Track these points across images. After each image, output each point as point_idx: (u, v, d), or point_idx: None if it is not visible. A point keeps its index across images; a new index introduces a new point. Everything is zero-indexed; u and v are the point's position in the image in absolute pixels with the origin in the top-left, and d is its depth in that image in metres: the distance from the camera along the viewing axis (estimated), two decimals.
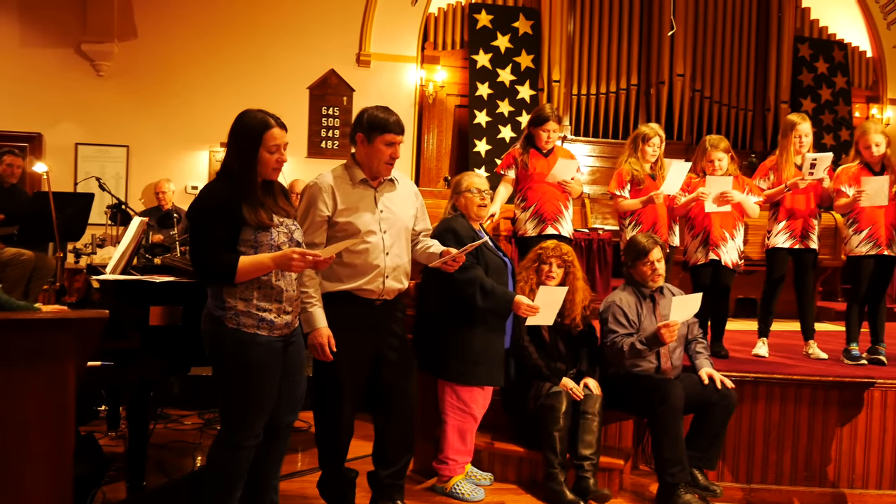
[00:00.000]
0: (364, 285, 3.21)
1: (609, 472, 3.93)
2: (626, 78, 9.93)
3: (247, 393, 2.81)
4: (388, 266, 3.24)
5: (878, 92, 10.87)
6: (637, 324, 4.01)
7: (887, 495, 4.20)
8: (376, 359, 3.31)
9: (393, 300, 3.33)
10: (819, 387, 4.21)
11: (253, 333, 2.79)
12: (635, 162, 4.81)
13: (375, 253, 3.22)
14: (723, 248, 4.68)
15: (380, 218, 3.25)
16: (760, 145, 10.14)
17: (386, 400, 3.37)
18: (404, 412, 3.37)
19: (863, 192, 4.49)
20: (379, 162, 3.22)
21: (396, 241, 3.29)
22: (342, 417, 3.29)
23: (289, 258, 2.73)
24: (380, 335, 3.30)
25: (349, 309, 3.21)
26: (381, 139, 3.19)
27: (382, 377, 3.34)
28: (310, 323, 3.11)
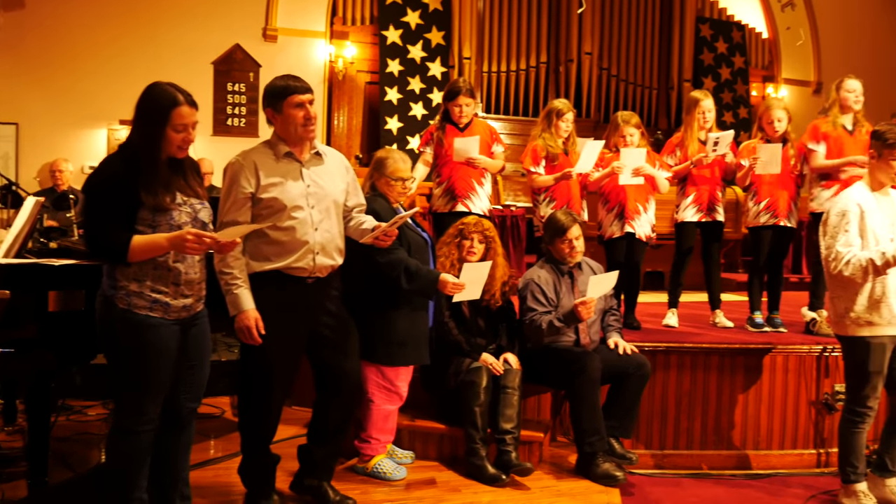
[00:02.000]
0: (293, 263, 3.10)
1: (529, 445, 3.97)
2: (536, 56, 10.01)
3: (137, 376, 2.68)
4: (318, 242, 3.14)
5: (773, 72, 11.36)
6: (555, 301, 4.05)
7: (789, 454, 4.42)
8: (312, 339, 3.21)
9: (326, 277, 3.22)
10: (726, 354, 4.38)
11: (145, 315, 2.66)
12: (549, 137, 4.83)
13: (304, 229, 3.11)
14: (637, 222, 4.79)
15: (307, 192, 3.14)
16: (665, 123, 10.43)
17: (327, 379, 3.28)
18: (346, 392, 3.29)
19: (757, 160, 4.67)
20: (296, 127, 3.10)
21: (326, 216, 3.18)
22: (272, 402, 3.18)
23: (183, 239, 2.59)
24: (313, 314, 3.19)
25: (279, 289, 3.10)
26: (288, 103, 3.07)
27: (320, 356, 3.26)
28: (235, 305, 2.99)
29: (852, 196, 3.63)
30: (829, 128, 4.71)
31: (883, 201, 3.65)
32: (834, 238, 3.57)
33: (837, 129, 4.69)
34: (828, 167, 4.67)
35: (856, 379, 3.69)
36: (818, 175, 4.77)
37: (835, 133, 4.69)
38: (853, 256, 3.49)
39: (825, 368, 4.44)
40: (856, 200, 3.60)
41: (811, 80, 11.43)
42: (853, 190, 3.69)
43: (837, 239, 3.55)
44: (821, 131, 4.73)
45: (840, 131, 4.68)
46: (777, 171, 4.70)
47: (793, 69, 11.37)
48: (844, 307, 3.64)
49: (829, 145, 4.68)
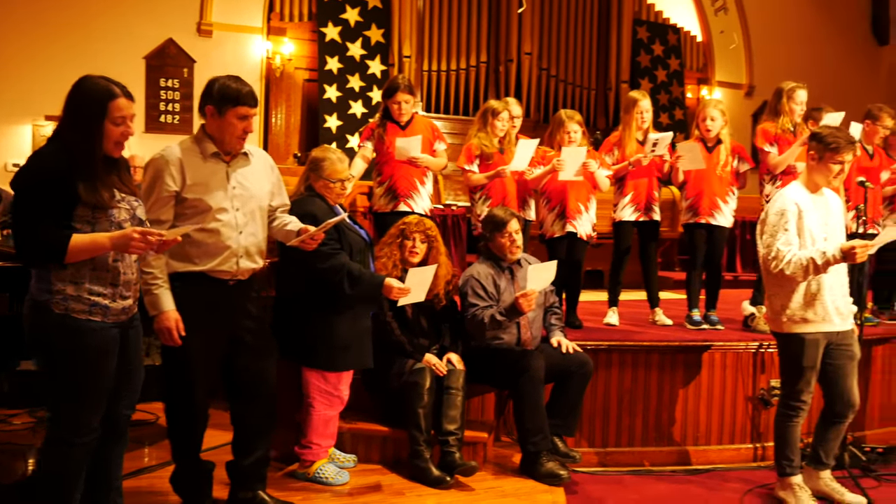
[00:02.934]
0: (217, 266, 3.01)
1: (473, 446, 3.95)
2: (476, 55, 10.02)
3: (78, 385, 2.55)
4: (242, 246, 3.05)
5: (708, 74, 11.62)
6: (496, 296, 4.04)
7: (727, 449, 4.50)
8: (231, 342, 3.12)
9: (248, 280, 3.14)
10: (665, 352, 4.43)
11: (84, 320, 2.54)
12: (484, 137, 4.82)
13: (228, 232, 3.02)
14: (578, 221, 4.82)
15: (232, 195, 3.04)
16: (603, 123, 10.55)
17: (244, 385, 3.18)
18: (265, 397, 3.21)
19: (679, 158, 4.75)
20: (231, 136, 3.00)
21: (251, 219, 3.10)
22: (195, 406, 3.08)
23: (128, 238, 2.47)
24: (234, 317, 3.11)
25: (199, 289, 3.00)
26: (234, 112, 2.97)
27: (239, 361, 3.15)
28: (155, 306, 2.88)
29: (790, 196, 3.70)
30: (778, 131, 4.87)
31: (818, 202, 3.73)
32: (773, 237, 3.64)
33: (786, 134, 4.84)
34: (781, 161, 4.79)
35: (791, 374, 3.77)
36: (771, 176, 4.89)
37: (785, 136, 4.84)
38: (794, 256, 3.55)
39: (761, 364, 4.54)
40: (793, 200, 3.67)
41: (743, 82, 11.73)
42: (790, 190, 3.76)
43: (777, 238, 3.62)
44: (771, 134, 4.87)
45: (788, 135, 4.83)
46: (701, 167, 4.80)
47: (726, 72, 11.66)
48: (781, 304, 3.71)
49: (780, 148, 4.83)
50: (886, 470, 4.40)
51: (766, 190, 4.93)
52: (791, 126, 4.84)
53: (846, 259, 3.45)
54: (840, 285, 3.72)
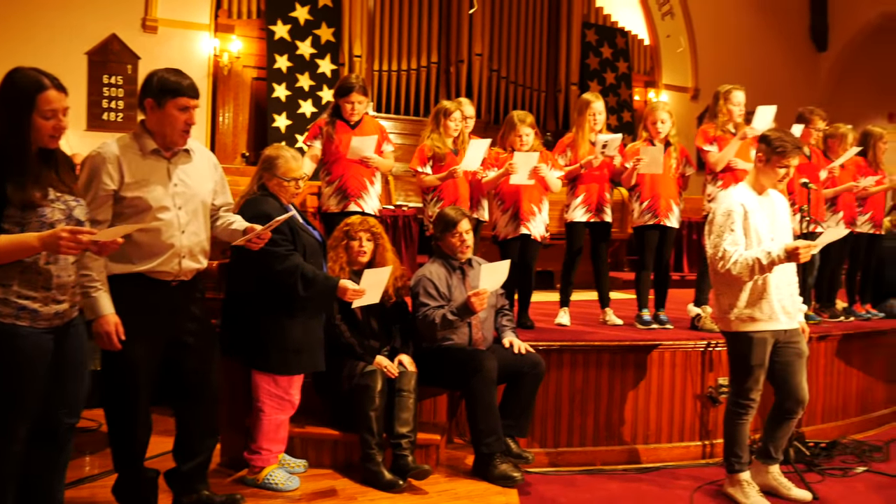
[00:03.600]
0: (158, 267, 2.92)
1: (426, 448, 3.91)
2: (427, 55, 9.99)
3: (2, 393, 2.43)
4: (184, 245, 2.97)
5: (655, 77, 11.80)
6: (448, 296, 4.01)
7: (677, 447, 4.54)
8: (174, 345, 3.03)
9: (191, 280, 3.05)
10: (616, 351, 4.46)
11: (11, 324, 2.42)
12: (437, 138, 4.81)
13: (169, 231, 2.93)
14: (531, 222, 4.82)
15: (174, 192, 2.96)
16: (553, 125, 10.63)
17: (188, 388, 3.10)
18: (208, 400, 3.13)
19: (640, 160, 4.80)
20: (173, 129, 2.91)
21: (193, 217, 3.02)
22: (138, 412, 2.98)
23: (57, 237, 2.34)
24: (177, 319, 3.02)
25: (140, 291, 2.91)
26: (174, 104, 2.89)
27: (182, 364, 3.07)
28: (94, 310, 2.77)
29: (736, 196, 3.76)
30: (718, 132, 4.96)
31: (764, 202, 3.79)
32: (720, 237, 3.68)
33: (726, 135, 4.92)
34: (720, 158, 4.88)
35: (739, 372, 3.83)
36: (712, 176, 4.96)
37: (724, 137, 4.93)
38: (740, 255, 3.61)
39: (709, 363, 4.60)
40: (739, 201, 3.73)
41: (689, 86, 11.95)
42: (736, 191, 3.82)
43: (724, 238, 3.66)
44: (711, 135, 4.96)
45: (727, 136, 4.91)
46: (659, 171, 4.86)
47: (672, 75, 11.86)
48: (728, 303, 3.77)
49: (720, 148, 4.91)
50: (829, 464, 4.50)
51: (708, 189, 5.02)
52: (731, 127, 4.93)
53: (790, 259, 3.52)
54: (786, 284, 3.79)
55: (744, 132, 4.72)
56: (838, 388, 5.22)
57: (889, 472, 4.44)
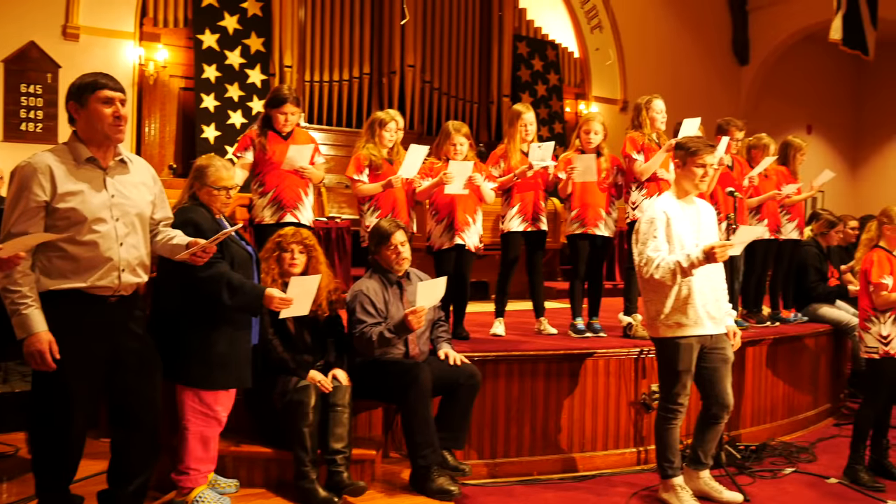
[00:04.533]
0: (96, 282, 2.79)
1: (362, 464, 3.83)
2: (359, 66, 9.93)
3: None
4: (123, 259, 2.85)
5: (585, 89, 11.99)
6: (385, 312, 3.95)
7: (612, 454, 4.58)
8: (113, 365, 2.89)
9: (130, 296, 2.93)
10: (551, 360, 4.47)
11: None
12: (373, 147, 4.77)
13: (107, 244, 2.81)
14: (466, 233, 4.80)
15: (111, 203, 2.84)
16: (486, 136, 10.69)
17: (127, 409, 2.97)
18: (147, 421, 3.00)
19: (574, 169, 4.85)
20: (102, 124, 2.80)
21: (132, 230, 2.90)
22: (71, 436, 2.83)
23: None
24: (115, 337, 2.89)
25: (77, 308, 2.78)
26: (95, 98, 2.79)
27: (121, 384, 2.94)
28: (24, 328, 2.64)
29: (659, 205, 3.85)
30: (645, 140, 5.06)
31: (688, 209, 3.88)
32: (645, 244, 3.76)
33: (651, 143, 5.00)
34: (647, 168, 4.96)
35: (667, 378, 3.89)
36: (637, 184, 5.04)
37: (650, 146, 5.02)
38: (662, 260, 3.68)
39: (642, 370, 4.65)
40: (662, 209, 3.81)
41: (618, 98, 12.18)
42: (660, 199, 3.91)
43: (648, 245, 3.74)
44: (638, 143, 5.06)
45: (652, 145, 4.99)
46: (594, 178, 4.92)
47: (602, 87, 12.07)
48: (656, 310, 3.83)
49: (646, 156, 5.00)
50: (760, 466, 4.61)
51: (633, 197, 5.10)
52: (655, 136, 5.02)
53: (709, 260, 3.60)
54: (711, 290, 3.87)
55: (669, 144, 4.82)
56: (766, 391, 5.35)
57: (816, 472, 4.57)
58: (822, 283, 6.22)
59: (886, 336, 4.24)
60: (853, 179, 15.30)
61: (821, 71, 14.21)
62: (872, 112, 15.05)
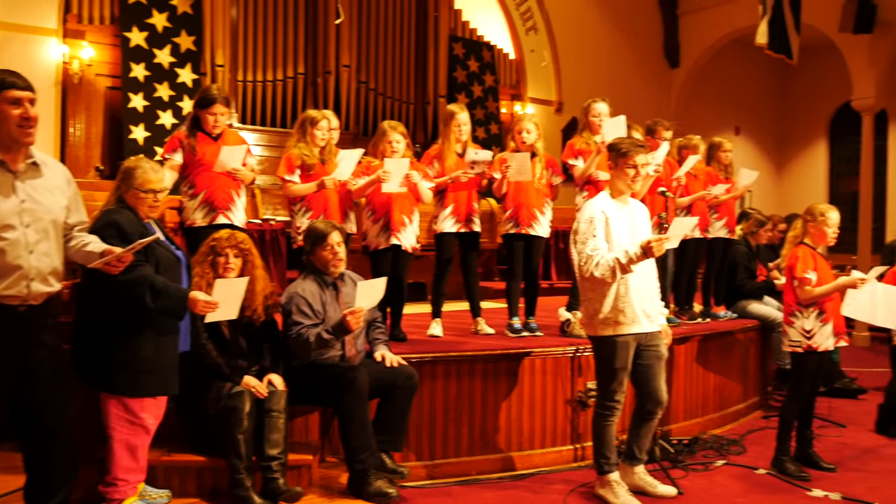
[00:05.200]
0: (4, 291, 2.69)
1: (298, 469, 3.78)
2: (294, 66, 9.79)
3: None
4: (33, 267, 2.74)
5: (520, 91, 12.08)
6: (322, 313, 3.91)
7: (550, 452, 4.62)
8: (23, 376, 2.77)
9: (41, 305, 2.81)
10: (489, 360, 4.49)
11: None
12: (304, 147, 4.70)
13: (16, 251, 2.70)
14: (402, 233, 4.78)
15: (21, 209, 2.73)
16: (422, 136, 10.65)
17: (40, 423, 2.85)
18: (62, 434, 2.88)
19: (509, 167, 4.88)
20: (9, 126, 2.69)
21: (43, 237, 2.79)
22: None
23: None
24: (25, 347, 2.77)
25: None
26: (2, 98, 2.69)
27: (32, 395, 2.82)
28: None
29: (597, 204, 3.91)
30: (582, 145, 5.12)
31: (623, 209, 3.95)
32: (584, 244, 3.81)
33: (590, 147, 5.05)
34: (584, 172, 5.03)
35: (604, 376, 3.95)
36: (580, 186, 5.09)
37: (588, 149, 5.07)
38: (601, 258, 3.73)
39: (578, 368, 4.71)
40: (600, 208, 3.87)
41: (553, 99, 12.30)
42: (597, 199, 3.97)
43: (587, 244, 3.79)
44: (576, 148, 5.12)
45: (592, 148, 5.04)
46: (528, 178, 4.95)
47: (537, 89, 12.18)
48: (594, 309, 3.88)
49: (585, 160, 5.05)
50: (692, 460, 4.72)
51: (577, 200, 5.17)
52: (596, 138, 5.08)
53: (647, 254, 3.66)
54: (647, 288, 3.94)
55: (598, 147, 4.89)
56: (698, 386, 5.48)
57: (745, 463, 4.70)
58: (750, 281, 6.40)
59: (809, 330, 4.38)
60: (779, 179, 15.80)
61: (748, 74, 14.64)
62: (796, 114, 15.58)
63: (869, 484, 4.32)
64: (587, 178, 5.05)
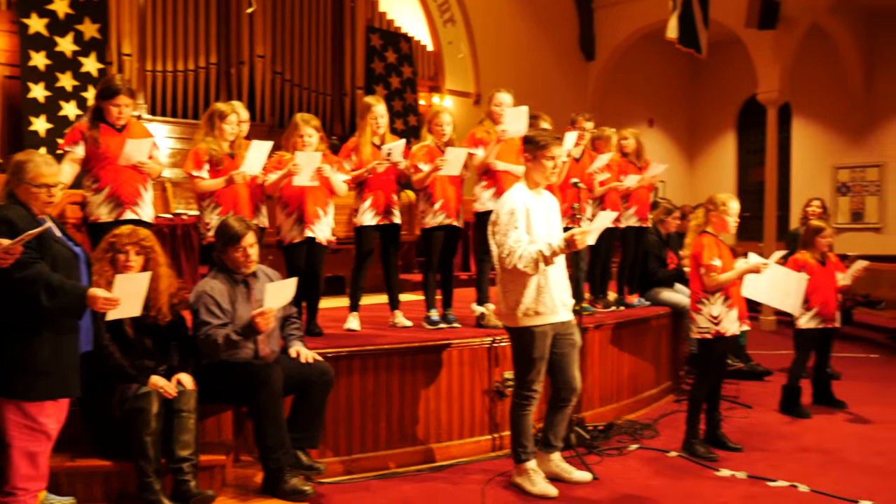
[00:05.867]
0: None
1: (210, 470, 3.68)
2: (206, 56, 9.51)
3: None
4: None
5: (439, 83, 12.08)
6: (231, 312, 3.81)
7: (468, 443, 4.65)
8: None
9: None
10: (406, 353, 4.48)
11: None
12: (212, 141, 4.58)
13: None
14: (317, 226, 4.71)
15: None
16: (340, 128, 10.53)
17: None
18: None
19: (445, 161, 4.87)
20: None
21: None
22: None
23: None
24: None
25: None
26: None
27: None
28: None
29: (517, 196, 3.93)
30: (483, 134, 5.13)
31: (539, 200, 3.99)
32: (505, 235, 3.83)
33: (491, 136, 5.06)
34: (484, 160, 5.03)
35: (523, 366, 3.99)
36: (479, 177, 5.11)
37: (488, 139, 5.08)
38: (525, 250, 3.76)
39: (495, 358, 4.74)
40: (521, 200, 3.90)
41: (472, 91, 12.35)
42: (516, 190, 3.99)
43: (509, 236, 3.81)
44: (476, 137, 5.14)
45: (492, 137, 5.05)
46: (458, 173, 4.97)
47: (455, 81, 12.20)
48: (514, 300, 3.90)
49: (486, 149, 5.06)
50: (607, 445, 4.83)
51: (475, 190, 5.19)
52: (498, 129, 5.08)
53: (570, 247, 3.71)
54: (562, 278, 4.01)
55: (498, 135, 4.92)
56: (613, 373, 5.60)
57: (658, 447, 4.84)
58: (662, 269, 6.58)
59: (717, 316, 4.53)
60: (691, 169, 16.30)
61: (661, 68, 15.02)
62: (706, 107, 16.09)
63: (772, 462, 4.51)
64: (486, 168, 5.08)
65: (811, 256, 5.61)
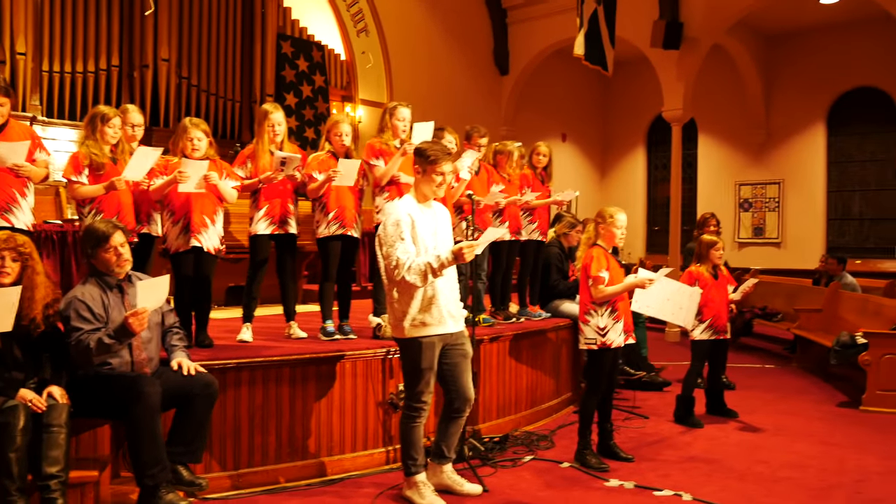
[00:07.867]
0: None
1: (82, 487, 3.51)
2: (107, 58, 9.21)
3: None
4: None
5: (351, 92, 12.02)
6: (105, 317, 3.66)
7: (361, 456, 4.59)
8: None
9: None
10: (297, 365, 4.39)
11: None
12: (94, 145, 4.43)
13: None
14: (204, 235, 4.59)
15: None
16: (248, 135, 10.33)
17: None
18: None
19: (337, 172, 4.82)
20: None
21: None
22: None
23: None
24: None
25: None
26: None
27: None
28: None
29: (403, 208, 3.91)
30: (382, 146, 5.11)
31: (427, 212, 3.98)
32: (392, 247, 3.80)
33: (390, 148, 5.06)
34: (385, 173, 5.03)
35: (412, 377, 3.96)
36: (379, 189, 5.09)
37: (388, 150, 5.07)
38: (413, 262, 3.75)
39: (390, 370, 4.71)
40: (406, 211, 3.88)
41: (385, 101, 12.32)
42: (403, 202, 3.98)
43: (396, 247, 3.78)
44: (376, 148, 5.11)
45: (392, 150, 5.06)
46: (351, 183, 4.92)
47: (368, 91, 12.15)
48: (402, 311, 3.88)
49: (386, 162, 5.04)
50: (503, 456, 4.84)
51: (377, 201, 5.17)
52: (396, 142, 5.11)
53: (457, 260, 3.72)
54: (451, 290, 4.00)
55: (404, 148, 4.92)
56: (511, 384, 5.63)
57: (552, 458, 4.89)
58: (563, 281, 6.67)
59: (603, 328, 4.62)
60: (603, 184, 16.71)
61: (574, 84, 15.36)
62: (617, 123, 16.55)
63: (661, 472, 4.61)
64: (389, 179, 5.06)
65: (705, 269, 5.79)
